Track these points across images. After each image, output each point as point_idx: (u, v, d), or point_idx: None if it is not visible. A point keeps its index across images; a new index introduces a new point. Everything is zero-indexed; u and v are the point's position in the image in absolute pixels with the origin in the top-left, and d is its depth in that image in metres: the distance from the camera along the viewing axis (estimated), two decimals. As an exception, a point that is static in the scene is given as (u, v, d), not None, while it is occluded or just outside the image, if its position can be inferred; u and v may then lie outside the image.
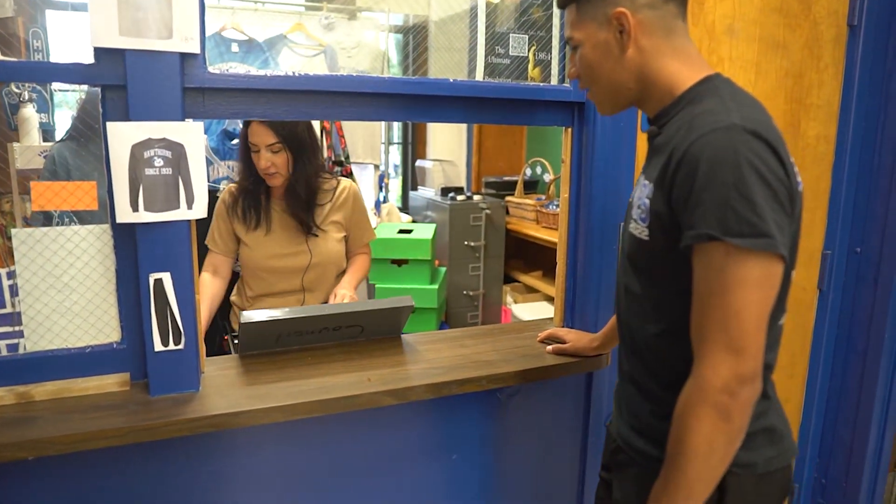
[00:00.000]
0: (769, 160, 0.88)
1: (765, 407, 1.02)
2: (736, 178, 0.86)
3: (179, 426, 1.15)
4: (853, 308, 2.11)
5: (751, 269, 0.86)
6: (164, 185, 1.18)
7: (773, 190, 0.87)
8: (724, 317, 0.87)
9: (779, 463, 1.03)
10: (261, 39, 3.34)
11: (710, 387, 0.88)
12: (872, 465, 2.11)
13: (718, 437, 0.89)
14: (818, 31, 1.91)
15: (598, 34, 1.03)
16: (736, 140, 0.88)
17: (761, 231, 0.85)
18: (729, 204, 0.86)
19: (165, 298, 1.22)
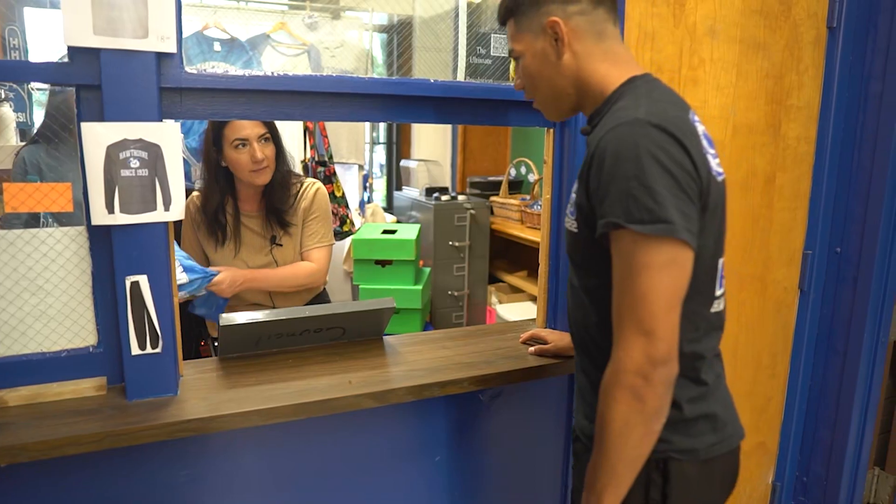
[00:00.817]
0: (672, 150, 0.92)
1: (701, 392, 1.06)
2: (637, 168, 0.91)
3: (157, 431, 1.14)
4: (833, 308, 2.13)
5: (655, 254, 0.90)
6: (140, 187, 1.16)
7: (676, 178, 0.91)
8: (633, 301, 0.91)
9: (721, 449, 1.06)
10: (243, 39, 3.31)
11: (624, 369, 0.91)
12: (852, 463, 2.13)
13: (633, 417, 0.92)
14: (798, 33, 1.92)
15: (535, 44, 1.10)
16: (637, 133, 0.92)
17: (660, 217, 0.89)
18: (630, 193, 0.90)
19: (142, 301, 1.20)
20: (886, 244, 2.00)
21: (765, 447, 2.22)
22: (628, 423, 0.93)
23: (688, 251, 0.92)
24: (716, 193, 1.00)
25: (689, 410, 1.04)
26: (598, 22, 1.07)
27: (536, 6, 1.08)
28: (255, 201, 1.92)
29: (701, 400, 1.06)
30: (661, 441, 1.00)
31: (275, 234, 1.91)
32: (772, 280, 2.07)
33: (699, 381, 1.06)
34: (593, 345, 1.10)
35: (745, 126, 1.89)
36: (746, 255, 1.99)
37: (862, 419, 2.11)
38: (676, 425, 1.03)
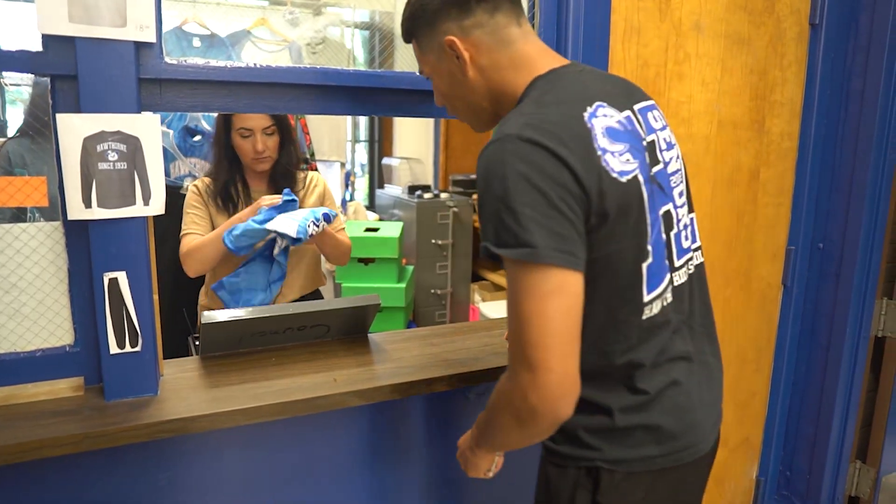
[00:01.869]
0: (543, 164, 0.86)
1: (638, 402, 1.00)
2: (502, 188, 0.85)
3: (137, 432, 1.11)
4: (816, 303, 2.14)
5: (530, 280, 0.84)
6: (118, 181, 1.13)
7: (546, 196, 0.85)
8: (517, 328, 0.86)
9: (666, 462, 1.01)
10: (223, 34, 3.26)
11: (509, 394, 0.89)
12: (835, 457, 2.15)
13: (513, 434, 0.93)
14: (781, 29, 1.93)
15: (440, 64, 1.06)
16: (506, 150, 0.87)
17: (522, 241, 0.84)
18: (498, 216, 0.86)
19: (121, 298, 1.17)
20: (868, 240, 2.01)
21: (749, 442, 2.22)
22: (508, 436, 0.95)
23: (567, 273, 0.85)
24: (619, 195, 0.91)
25: (622, 420, 0.99)
26: (499, 29, 1.01)
27: (432, 26, 1.03)
28: (263, 183, 1.97)
29: (638, 410, 1.00)
30: (591, 448, 1.00)
31: None
32: (756, 275, 2.07)
33: (636, 389, 1.00)
34: None
35: (730, 121, 1.89)
36: (731, 250, 1.99)
37: (844, 413, 2.12)
38: (608, 434, 1.00)
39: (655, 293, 0.99)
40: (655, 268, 0.99)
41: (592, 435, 1.00)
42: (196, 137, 2.99)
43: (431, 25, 1.03)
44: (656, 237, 0.98)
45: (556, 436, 1.02)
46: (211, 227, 1.89)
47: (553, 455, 1.04)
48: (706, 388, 1.08)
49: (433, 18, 1.02)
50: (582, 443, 1.00)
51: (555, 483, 1.04)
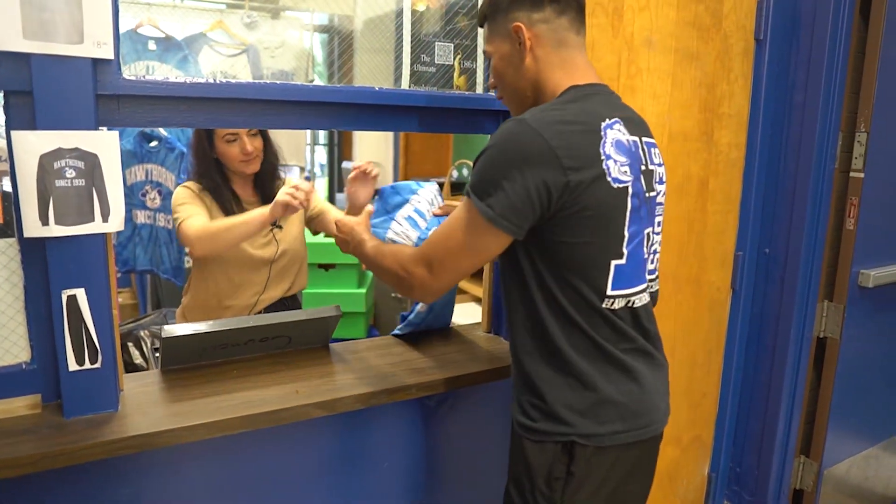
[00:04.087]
0: (536, 154, 1.03)
1: (617, 379, 1.15)
2: (498, 157, 1.06)
3: (97, 449, 1.10)
4: (763, 306, 2.23)
5: (475, 224, 1.08)
6: (76, 198, 1.12)
7: (524, 178, 1.03)
8: (442, 242, 1.14)
9: (628, 438, 1.15)
10: (179, 37, 3.22)
11: (401, 270, 1.18)
12: (781, 452, 2.24)
13: (386, 281, 1.24)
14: (728, 44, 2.00)
15: (503, 46, 1.20)
16: (516, 131, 1.05)
17: (488, 201, 1.05)
18: (485, 172, 1.07)
19: (80, 315, 1.16)
20: (810, 246, 2.11)
21: (701, 440, 2.30)
22: (384, 278, 1.25)
23: (500, 235, 1.07)
24: (606, 198, 1.08)
25: (603, 395, 1.13)
26: (560, 30, 1.16)
27: (505, 12, 1.17)
28: (249, 189, 1.98)
29: (613, 387, 1.14)
30: (567, 424, 1.13)
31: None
32: (706, 281, 2.15)
33: (617, 366, 1.15)
34: (513, 324, 1.20)
35: (681, 133, 1.96)
36: (682, 257, 2.06)
37: (789, 411, 2.22)
38: (584, 410, 1.13)
39: (620, 292, 1.14)
40: (628, 271, 1.14)
41: (570, 411, 1.13)
42: (152, 143, 2.95)
43: (505, 13, 1.17)
44: (635, 247, 1.15)
45: (534, 413, 1.16)
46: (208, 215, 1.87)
47: (531, 432, 1.16)
48: (660, 381, 1.23)
49: (509, 7, 1.17)
50: (559, 419, 1.13)
51: (533, 457, 1.16)
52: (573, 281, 1.11)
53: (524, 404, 1.18)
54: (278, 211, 1.74)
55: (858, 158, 2.12)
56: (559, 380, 1.14)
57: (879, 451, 2.49)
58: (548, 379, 1.15)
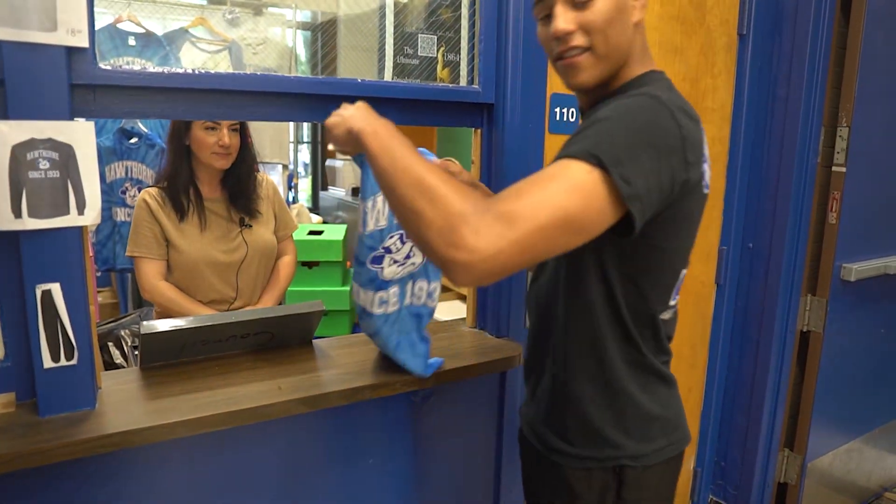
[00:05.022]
0: (672, 141, 0.89)
1: (664, 393, 1.08)
2: (635, 124, 0.88)
3: (73, 448, 1.07)
4: (747, 300, 2.24)
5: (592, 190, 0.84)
6: (50, 190, 1.09)
7: (661, 162, 0.87)
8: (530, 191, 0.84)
9: (671, 452, 1.08)
10: (160, 33, 3.18)
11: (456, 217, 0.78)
12: (765, 446, 2.25)
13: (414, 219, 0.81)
14: (712, 39, 2.01)
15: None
16: (658, 106, 0.90)
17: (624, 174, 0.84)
18: (612, 135, 0.86)
19: (55, 311, 1.13)
20: (794, 240, 2.12)
21: (686, 435, 2.31)
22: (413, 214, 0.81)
23: (610, 218, 0.85)
24: (699, 204, 0.99)
25: (652, 411, 1.05)
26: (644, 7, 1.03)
27: None
28: (215, 186, 1.92)
29: (659, 401, 1.07)
30: (615, 446, 1.04)
31: (242, 217, 1.93)
32: (691, 275, 2.15)
33: (662, 380, 1.07)
34: (553, 340, 1.09)
35: (664, 127, 1.96)
36: (667, 251, 2.06)
37: (773, 405, 2.22)
38: (632, 428, 1.04)
39: (676, 300, 1.08)
40: (682, 279, 1.07)
41: (618, 431, 1.04)
42: (133, 140, 2.91)
43: None
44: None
45: (578, 438, 1.06)
46: (164, 242, 1.85)
47: (575, 459, 1.06)
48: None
49: None
50: (606, 442, 1.04)
51: (580, 487, 1.06)
52: (645, 291, 1.00)
53: (564, 429, 1.08)
54: None
55: (840, 153, 2.13)
56: (607, 399, 1.04)
57: (862, 444, 2.52)
58: (596, 399, 1.05)
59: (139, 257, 1.82)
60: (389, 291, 1.30)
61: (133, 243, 1.82)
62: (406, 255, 1.27)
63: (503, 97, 1.54)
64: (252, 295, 1.96)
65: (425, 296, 1.38)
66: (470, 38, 1.55)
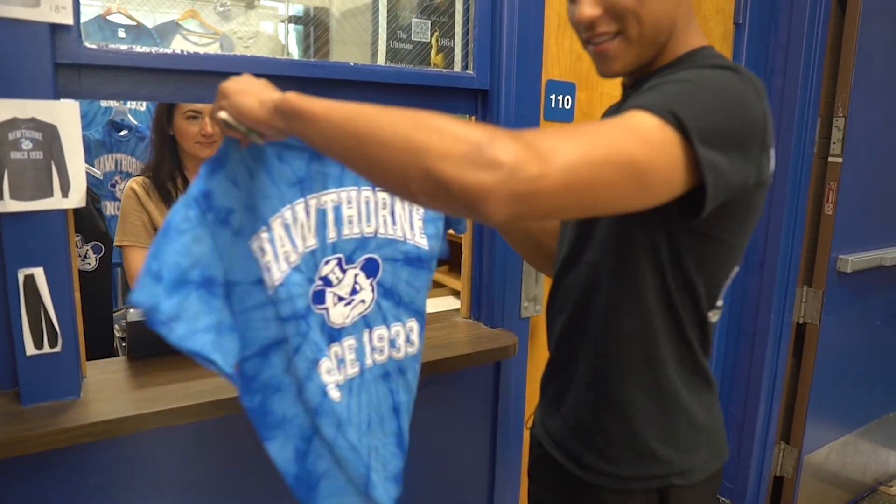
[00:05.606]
0: (764, 116, 0.79)
1: (710, 401, 0.97)
2: (729, 93, 0.76)
3: (56, 437, 1.04)
4: (743, 292, 2.22)
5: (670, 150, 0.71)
6: (34, 171, 1.06)
7: (751, 146, 0.78)
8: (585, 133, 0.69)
9: (715, 465, 0.97)
10: (150, 26, 3.15)
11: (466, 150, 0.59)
12: (761, 440, 2.24)
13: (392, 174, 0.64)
14: (707, 28, 1.99)
15: None
16: (745, 79, 0.79)
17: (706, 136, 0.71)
18: (697, 95, 0.74)
19: (38, 296, 1.10)
20: (789, 231, 2.10)
21: (681, 429, 2.29)
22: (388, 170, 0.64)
23: (678, 190, 0.72)
24: (765, 195, 0.88)
25: (701, 420, 0.94)
26: None
27: None
28: None
29: (707, 409, 0.97)
30: (663, 462, 0.92)
31: None
32: (686, 267, 2.14)
33: (710, 387, 0.97)
34: (609, 344, 0.93)
35: (660, 117, 1.94)
36: (662, 242, 2.05)
37: (769, 398, 2.21)
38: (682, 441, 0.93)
39: (722, 302, 0.96)
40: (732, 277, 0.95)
41: (666, 446, 0.92)
42: (122, 132, 2.88)
43: None
44: None
45: (618, 454, 0.93)
46: (153, 231, 1.81)
47: (616, 479, 0.93)
48: None
49: None
50: (654, 457, 0.92)
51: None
52: (698, 286, 0.88)
53: (605, 443, 0.94)
54: None
55: (836, 144, 2.12)
56: (658, 406, 0.91)
57: (857, 438, 2.51)
58: (645, 406, 0.91)
59: (128, 246, 1.79)
60: (344, 344, 0.98)
61: (121, 232, 1.79)
62: (351, 290, 0.98)
63: (498, 83, 1.51)
64: None
65: (388, 346, 1.05)
66: (464, 24, 1.53)
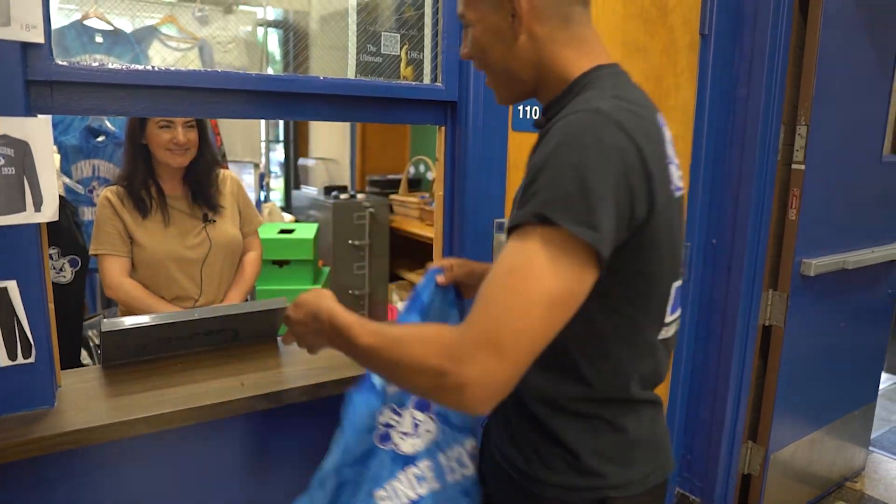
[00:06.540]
0: (626, 155, 0.81)
1: (649, 416, 0.99)
2: (581, 159, 0.79)
3: (30, 446, 1.07)
4: (711, 295, 2.28)
5: (565, 259, 0.78)
6: (6, 186, 1.09)
7: (618, 188, 0.80)
8: (507, 303, 0.78)
9: (656, 479, 0.99)
10: (128, 31, 3.15)
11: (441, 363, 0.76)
12: (729, 439, 2.30)
13: (404, 384, 0.86)
14: (674, 38, 2.04)
15: (490, 17, 0.96)
16: (596, 123, 0.82)
17: (587, 220, 0.77)
18: (563, 184, 0.78)
19: (11, 308, 1.12)
20: (755, 236, 2.16)
21: (652, 429, 2.34)
22: (399, 381, 0.85)
23: (594, 271, 0.79)
24: (670, 211, 0.88)
25: (634, 436, 0.96)
26: (565, 4, 0.94)
27: None
28: (176, 183, 1.91)
29: (643, 426, 0.98)
30: (597, 475, 0.94)
31: (206, 212, 1.92)
32: (655, 271, 2.19)
33: (647, 404, 0.99)
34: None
35: (628, 125, 1.99)
36: (631, 247, 2.09)
37: (737, 398, 2.27)
38: (616, 455, 0.95)
39: (674, 316, 0.98)
40: (680, 291, 0.99)
41: (600, 458, 0.94)
42: (100, 138, 2.88)
43: None
44: (685, 261, 0.97)
45: (553, 463, 0.95)
46: (128, 239, 1.84)
47: (556, 489, 0.95)
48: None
49: None
50: (588, 469, 0.93)
51: None
52: (634, 318, 0.91)
53: (544, 453, 0.96)
54: None
55: (799, 151, 2.18)
56: (584, 424, 0.94)
57: (823, 435, 2.57)
58: (568, 425, 0.95)
59: (103, 255, 1.81)
60: (421, 465, 1.08)
61: (96, 241, 1.81)
62: (414, 425, 1.10)
63: (466, 95, 1.55)
64: (217, 291, 1.94)
65: (457, 465, 1.13)
66: (433, 36, 1.57)
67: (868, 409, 2.85)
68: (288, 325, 1.06)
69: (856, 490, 2.75)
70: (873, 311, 2.68)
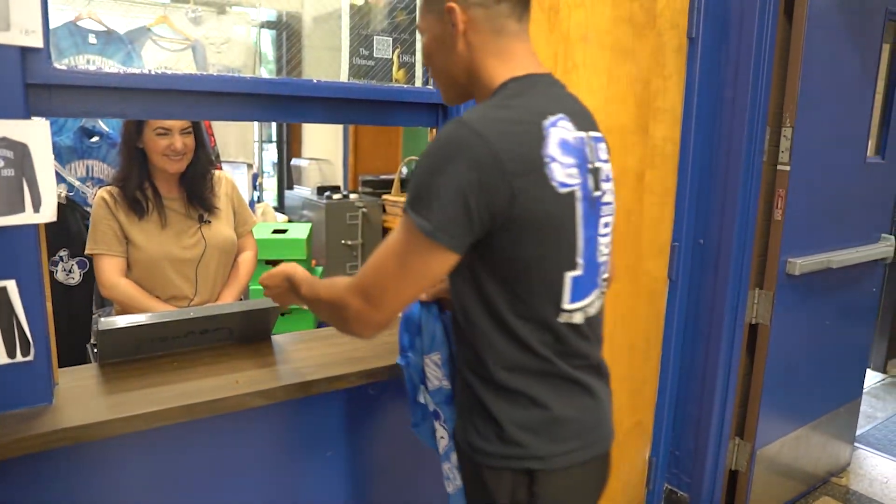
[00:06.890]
0: (480, 160, 0.95)
1: (573, 394, 1.09)
2: (435, 163, 0.96)
3: (28, 442, 1.09)
4: (698, 294, 2.32)
5: (414, 242, 0.98)
6: (6, 188, 1.11)
7: (463, 187, 0.94)
8: (378, 267, 1.03)
9: (586, 455, 1.10)
10: (121, 31, 3.16)
11: (340, 307, 1.06)
12: (716, 435, 2.34)
13: (330, 322, 1.12)
14: (662, 41, 2.08)
15: (436, 26, 1.11)
16: (456, 134, 0.96)
17: (425, 213, 0.96)
18: (420, 183, 0.97)
19: (11, 307, 1.14)
20: (742, 236, 2.20)
21: (641, 426, 2.38)
22: (328, 320, 1.13)
23: (442, 250, 0.97)
24: (551, 204, 1.00)
25: (558, 413, 1.06)
26: (498, 17, 1.07)
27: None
28: (173, 186, 1.93)
29: (568, 403, 1.08)
30: (520, 445, 1.05)
31: (201, 213, 1.94)
32: (644, 271, 2.22)
33: (572, 382, 1.09)
34: (460, 342, 1.14)
35: (617, 127, 2.02)
36: (621, 248, 2.13)
37: (724, 395, 2.31)
38: (539, 429, 1.06)
39: (579, 304, 1.08)
40: (584, 282, 1.07)
41: (523, 430, 1.05)
42: (94, 139, 2.89)
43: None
44: (590, 255, 1.07)
45: (486, 431, 1.07)
46: (124, 240, 1.86)
47: (486, 456, 1.08)
48: (606, 399, 1.18)
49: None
50: (510, 439, 1.05)
51: (493, 482, 1.08)
52: (524, 297, 1.03)
53: (478, 424, 1.09)
54: None
55: (785, 152, 2.22)
56: (507, 397, 1.06)
57: (809, 431, 2.62)
58: (494, 397, 1.07)
59: (99, 254, 1.83)
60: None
61: (92, 241, 1.83)
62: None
63: (457, 98, 1.58)
64: (212, 291, 1.97)
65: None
66: (425, 40, 1.59)
67: (853, 405, 2.90)
68: (264, 287, 1.33)
69: (841, 485, 2.80)
70: (858, 310, 2.73)
